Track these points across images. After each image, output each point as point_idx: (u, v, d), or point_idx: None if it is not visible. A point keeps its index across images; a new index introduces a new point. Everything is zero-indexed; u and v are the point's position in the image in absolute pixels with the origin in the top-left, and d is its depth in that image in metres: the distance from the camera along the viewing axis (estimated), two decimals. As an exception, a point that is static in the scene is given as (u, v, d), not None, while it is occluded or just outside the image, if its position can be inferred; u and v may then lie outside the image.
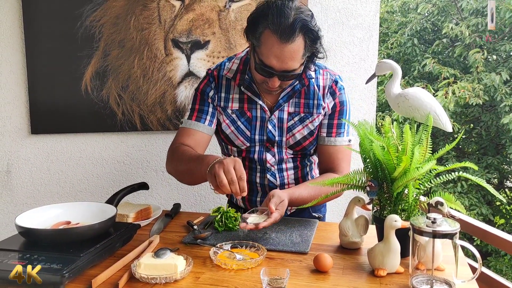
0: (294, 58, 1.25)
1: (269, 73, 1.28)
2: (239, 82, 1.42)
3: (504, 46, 5.69)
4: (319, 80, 1.43)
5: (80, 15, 2.04)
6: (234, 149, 1.48)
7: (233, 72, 1.44)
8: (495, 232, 1.67)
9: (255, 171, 1.48)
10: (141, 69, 2.08)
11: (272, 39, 1.23)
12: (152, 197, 2.19)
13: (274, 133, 1.43)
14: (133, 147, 2.19)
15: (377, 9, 2.04)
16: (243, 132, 1.44)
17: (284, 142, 1.44)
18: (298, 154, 1.48)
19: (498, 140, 5.92)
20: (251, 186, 1.50)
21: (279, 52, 1.23)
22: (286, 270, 1.00)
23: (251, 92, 1.41)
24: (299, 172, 1.51)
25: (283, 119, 1.42)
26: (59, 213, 1.26)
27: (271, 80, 1.30)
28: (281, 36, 1.21)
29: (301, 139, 1.43)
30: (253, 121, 1.43)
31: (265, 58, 1.26)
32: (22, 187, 2.23)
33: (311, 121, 1.42)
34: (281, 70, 1.27)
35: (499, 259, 5.18)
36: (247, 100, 1.43)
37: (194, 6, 2.01)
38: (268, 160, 1.46)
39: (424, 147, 1.11)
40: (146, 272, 1.01)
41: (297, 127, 1.42)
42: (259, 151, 1.45)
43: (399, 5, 6.85)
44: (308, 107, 1.42)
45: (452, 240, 0.95)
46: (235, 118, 1.44)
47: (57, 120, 2.14)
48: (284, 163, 1.48)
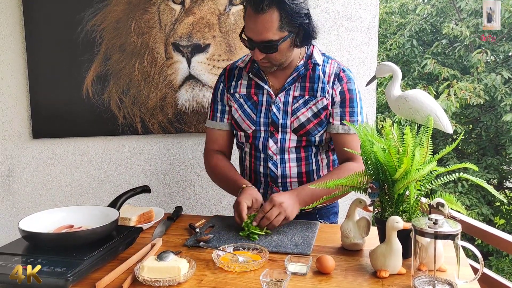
0: (268, 29, 1.32)
1: (250, 43, 1.38)
2: (248, 70, 1.52)
3: (503, 46, 5.71)
4: (326, 67, 1.49)
5: (81, 20, 2.05)
6: (242, 134, 1.54)
7: (245, 62, 1.55)
8: (496, 232, 1.67)
9: (259, 160, 1.53)
10: (142, 73, 2.09)
11: (248, 12, 1.35)
12: (153, 200, 2.20)
13: (278, 116, 1.47)
14: (134, 150, 2.20)
15: (376, 11, 2.05)
16: (249, 115, 1.51)
17: (289, 125, 1.47)
18: (302, 142, 1.49)
19: (497, 140, 5.93)
20: (255, 176, 1.55)
21: (253, 23, 1.33)
22: (287, 273, 1.00)
23: (258, 78, 1.50)
24: (302, 166, 1.51)
25: (288, 102, 1.47)
26: (61, 217, 1.27)
27: (254, 52, 1.39)
28: (253, 8, 1.31)
29: (305, 121, 1.46)
30: (259, 105, 1.50)
31: (246, 30, 1.38)
32: (24, 191, 2.24)
33: (315, 103, 1.46)
34: (259, 41, 1.35)
35: (500, 259, 5.19)
36: (254, 85, 1.52)
37: (194, 10, 2.02)
38: (270, 147, 1.49)
39: (425, 149, 1.12)
40: (150, 275, 1.02)
41: (301, 109, 1.46)
42: (264, 138, 1.50)
43: (398, 6, 6.87)
44: (313, 90, 1.46)
45: (454, 241, 0.96)
46: (242, 102, 1.52)
47: (58, 124, 2.15)
48: (287, 153, 1.49)
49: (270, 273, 1.02)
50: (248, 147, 1.56)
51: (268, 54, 1.38)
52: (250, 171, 1.57)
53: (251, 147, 1.54)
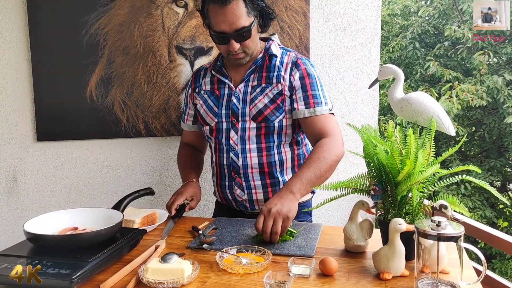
0: (238, 17, 1.41)
1: (224, 38, 1.45)
2: (212, 68, 1.64)
3: (505, 48, 5.70)
4: (283, 58, 1.57)
5: (85, 23, 2.07)
6: (207, 128, 1.62)
7: (210, 63, 1.70)
8: (499, 235, 1.67)
9: (222, 152, 1.59)
10: (145, 76, 2.10)
11: (214, 9, 1.43)
12: (156, 202, 2.20)
13: (238, 106, 1.55)
14: (137, 153, 2.21)
15: (378, 14, 2.06)
16: (212, 108, 1.60)
17: (248, 113, 1.53)
18: (261, 130, 1.52)
19: (500, 142, 5.91)
20: (220, 170, 1.62)
21: (223, 15, 1.41)
22: (290, 275, 1.01)
23: (220, 74, 1.61)
24: (264, 157, 1.54)
25: (247, 92, 1.55)
26: (66, 219, 1.28)
27: (230, 45, 1.46)
28: (219, 2, 1.40)
29: (262, 107, 1.52)
30: (221, 99, 1.59)
31: (216, 27, 1.45)
32: (28, 193, 2.25)
33: (271, 89, 1.53)
34: (232, 30, 1.43)
35: (503, 261, 5.16)
36: (216, 81, 1.62)
37: (197, 13, 2.03)
38: (231, 137, 1.55)
39: (428, 151, 1.12)
40: (154, 277, 1.02)
41: (258, 97, 1.53)
42: (226, 129, 1.57)
43: (400, 9, 6.87)
44: (269, 78, 1.55)
45: (457, 243, 0.96)
46: (206, 97, 1.63)
47: (62, 127, 2.16)
48: (248, 143, 1.54)
49: (273, 275, 1.03)
50: (213, 142, 1.63)
51: (242, 43, 1.46)
52: (216, 165, 1.64)
53: (215, 141, 1.61)
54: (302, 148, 1.62)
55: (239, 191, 1.58)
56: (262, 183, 1.55)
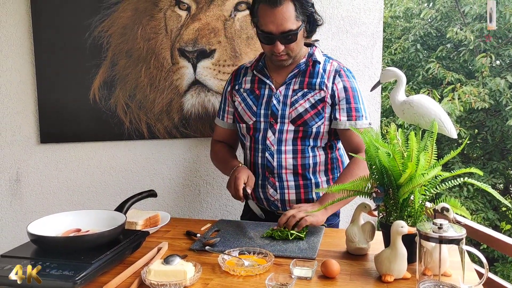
0: (287, 19, 1.43)
1: (270, 38, 1.47)
2: (253, 68, 1.65)
3: (508, 51, 5.69)
4: (327, 65, 1.59)
5: (89, 26, 2.08)
6: (244, 126, 1.63)
7: (251, 62, 1.69)
8: (501, 237, 1.67)
9: (258, 151, 1.61)
10: (148, 78, 2.11)
11: (264, 8, 1.45)
12: (159, 204, 2.21)
13: (277, 107, 1.56)
14: (140, 155, 2.21)
15: (380, 17, 2.06)
16: (251, 107, 1.61)
17: (287, 115, 1.55)
18: (299, 133, 1.55)
19: (503, 145, 5.90)
20: (254, 168, 1.63)
21: (272, 16, 1.43)
22: (292, 277, 1.01)
23: (262, 74, 1.63)
24: (298, 159, 1.57)
25: (288, 95, 1.57)
26: (69, 221, 1.29)
27: (275, 46, 1.48)
28: (270, 3, 1.43)
29: (302, 111, 1.54)
30: (261, 98, 1.60)
31: (264, 26, 1.47)
32: (32, 195, 2.26)
33: (313, 95, 1.55)
34: (279, 32, 1.45)
35: (506, 265, 5.14)
36: (257, 81, 1.63)
37: (200, 16, 2.04)
38: (268, 137, 1.57)
39: (430, 154, 1.12)
40: (156, 279, 1.03)
41: (299, 101, 1.55)
42: (264, 129, 1.58)
43: (403, 11, 6.87)
44: (311, 84, 1.56)
45: (459, 246, 0.96)
46: (246, 96, 1.64)
47: (65, 129, 2.17)
48: (284, 145, 1.56)
49: (275, 277, 1.03)
50: (248, 140, 1.64)
51: (287, 45, 1.48)
52: (250, 164, 1.65)
53: (251, 140, 1.62)
54: (335, 152, 1.65)
55: (272, 190, 1.59)
56: (295, 184, 1.58)
